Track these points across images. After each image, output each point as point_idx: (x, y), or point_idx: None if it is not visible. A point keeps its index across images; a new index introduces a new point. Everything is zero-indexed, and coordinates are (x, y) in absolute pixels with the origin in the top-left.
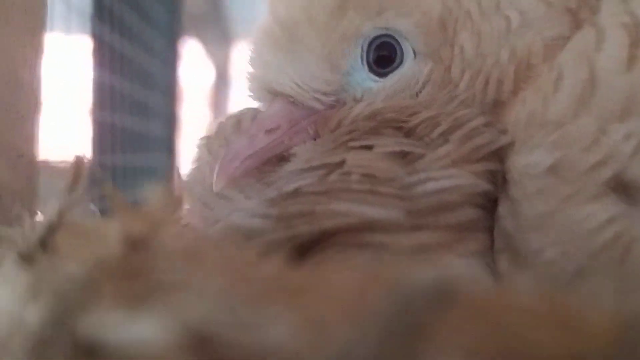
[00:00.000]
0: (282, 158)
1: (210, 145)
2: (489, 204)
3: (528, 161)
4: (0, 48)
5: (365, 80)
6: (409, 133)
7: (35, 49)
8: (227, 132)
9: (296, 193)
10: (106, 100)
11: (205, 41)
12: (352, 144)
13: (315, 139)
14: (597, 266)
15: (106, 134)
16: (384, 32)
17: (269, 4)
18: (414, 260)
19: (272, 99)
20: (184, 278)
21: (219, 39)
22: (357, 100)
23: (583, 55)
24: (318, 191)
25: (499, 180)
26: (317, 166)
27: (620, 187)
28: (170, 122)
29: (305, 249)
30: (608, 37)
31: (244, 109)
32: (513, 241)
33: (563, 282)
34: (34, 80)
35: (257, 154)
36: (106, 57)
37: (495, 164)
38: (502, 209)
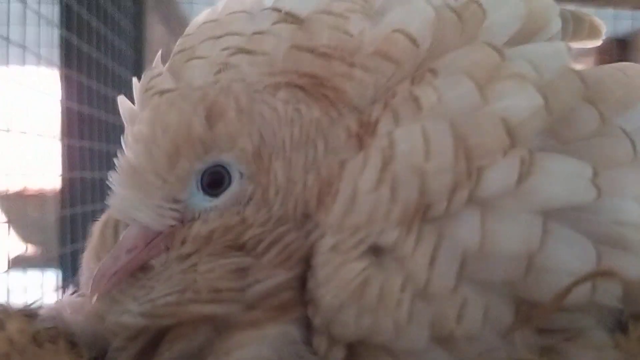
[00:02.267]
0: (146, 267)
1: (92, 254)
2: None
3: (321, 245)
4: None
5: (201, 202)
6: (240, 247)
7: None
8: (105, 242)
9: (165, 303)
10: (74, 126)
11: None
12: (200, 266)
13: (168, 251)
14: (351, 299)
15: (75, 155)
16: (213, 164)
17: (124, 147)
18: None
19: (130, 223)
20: None
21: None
22: (195, 219)
23: (351, 177)
24: (178, 301)
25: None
26: (177, 285)
27: (372, 250)
28: None
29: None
30: (369, 161)
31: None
32: (313, 295)
33: (332, 315)
34: None
35: (120, 270)
36: (74, 86)
37: (306, 258)
38: (309, 276)
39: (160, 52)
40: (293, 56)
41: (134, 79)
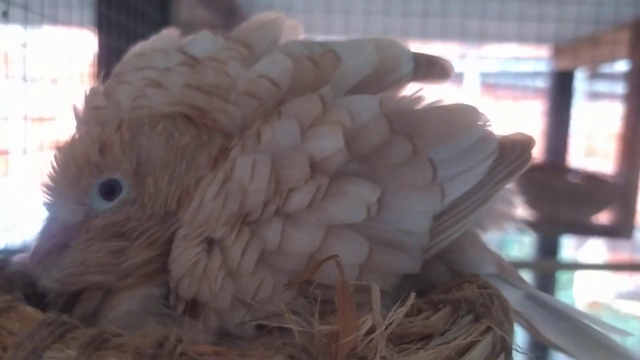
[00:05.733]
0: (65, 246)
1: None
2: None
3: (177, 234)
4: None
5: (101, 205)
6: (121, 235)
7: None
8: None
9: (69, 273)
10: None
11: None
12: (91, 248)
13: (79, 237)
14: (187, 272)
15: None
16: (106, 179)
17: (50, 166)
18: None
19: (54, 216)
20: None
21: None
22: (97, 216)
23: (203, 188)
24: (77, 272)
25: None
26: (77, 260)
27: (207, 241)
28: None
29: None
30: (215, 178)
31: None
32: (169, 267)
33: (177, 282)
34: None
35: (48, 249)
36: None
37: (169, 242)
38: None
39: (103, 72)
40: (186, 91)
41: (84, 91)
